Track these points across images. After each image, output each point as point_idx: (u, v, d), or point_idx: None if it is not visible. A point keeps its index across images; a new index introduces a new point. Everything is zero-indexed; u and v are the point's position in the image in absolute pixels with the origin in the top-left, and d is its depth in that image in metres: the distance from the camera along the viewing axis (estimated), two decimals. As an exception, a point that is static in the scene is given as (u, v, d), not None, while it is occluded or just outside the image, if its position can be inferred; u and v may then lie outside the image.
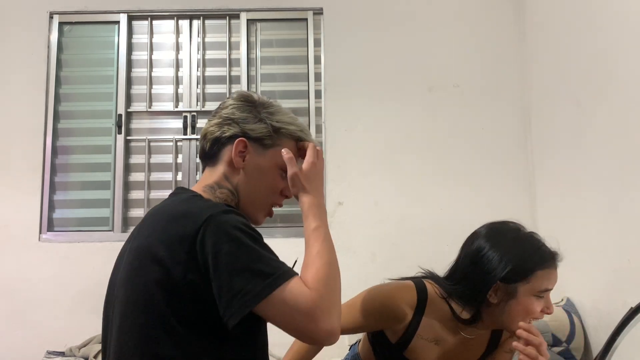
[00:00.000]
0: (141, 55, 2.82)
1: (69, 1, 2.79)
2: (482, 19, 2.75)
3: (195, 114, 2.77)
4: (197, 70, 2.81)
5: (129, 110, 2.77)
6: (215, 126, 1.07)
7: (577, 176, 2.11)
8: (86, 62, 2.81)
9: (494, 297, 1.23)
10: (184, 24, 2.85)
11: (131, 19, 2.83)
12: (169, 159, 2.75)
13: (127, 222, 2.70)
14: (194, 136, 2.75)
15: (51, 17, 2.79)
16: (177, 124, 2.78)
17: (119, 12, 2.81)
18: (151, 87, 2.80)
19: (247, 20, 2.82)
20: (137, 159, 2.75)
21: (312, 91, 2.76)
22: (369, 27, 2.75)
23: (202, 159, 1.11)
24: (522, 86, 2.67)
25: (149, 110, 2.78)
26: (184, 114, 2.77)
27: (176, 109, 2.78)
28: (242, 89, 2.76)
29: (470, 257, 1.29)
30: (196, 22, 2.84)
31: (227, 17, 2.83)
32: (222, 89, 2.79)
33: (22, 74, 2.71)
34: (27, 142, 2.67)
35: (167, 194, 3.02)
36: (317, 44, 2.80)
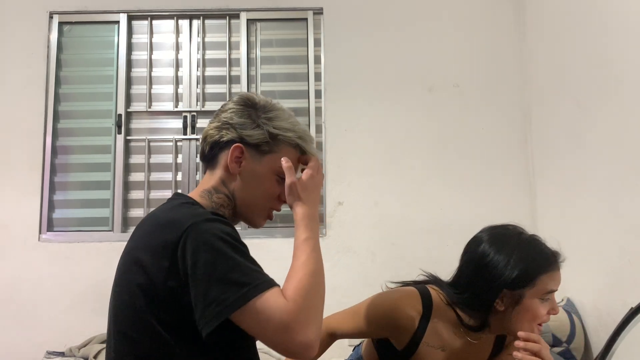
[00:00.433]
0: (141, 55, 2.82)
1: (69, 1, 2.79)
2: (482, 19, 2.74)
3: (195, 114, 2.77)
4: (197, 70, 2.81)
5: (129, 110, 2.77)
6: (214, 129, 1.07)
7: (577, 176, 2.11)
8: (86, 62, 2.81)
9: (501, 304, 1.22)
10: (184, 23, 2.84)
11: (131, 19, 2.83)
12: (168, 159, 2.75)
13: (127, 222, 2.70)
14: (194, 136, 2.75)
15: (51, 17, 2.78)
16: (177, 124, 2.78)
17: (118, 12, 2.81)
18: (151, 87, 2.80)
19: (247, 20, 2.82)
20: (137, 159, 2.75)
21: (312, 91, 2.76)
22: (369, 27, 2.75)
23: (202, 161, 1.12)
24: (522, 86, 2.67)
25: (149, 110, 2.78)
26: (184, 114, 2.77)
27: (176, 109, 2.78)
28: (242, 88, 2.76)
29: (474, 264, 1.28)
30: (196, 22, 2.84)
31: (227, 17, 2.83)
32: (222, 88, 2.79)
33: (22, 74, 2.71)
34: (27, 142, 2.66)
35: (167, 194, 3.03)
36: (317, 44, 2.80)
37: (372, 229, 2.59)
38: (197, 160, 2.74)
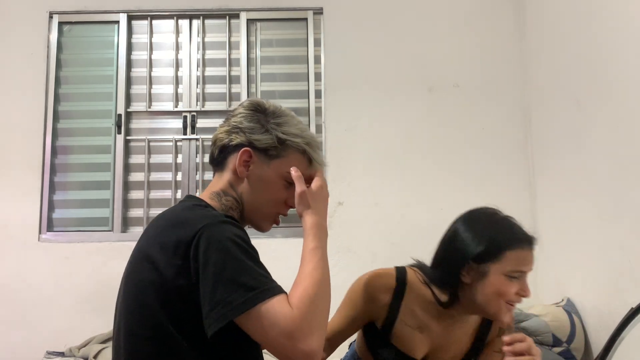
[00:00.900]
0: (141, 55, 2.82)
1: (69, 1, 2.79)
2: (482, 19, 2.74)
3: (195, 113, 2.77)
4: (197, 70, 2.81)
5: (129, 110, 2.77)
6: (224, 133, 1.09)
7: (577, 176, 2.11)
8: (86, 62, 2.81)
9: (467, 277, 1.25)
10: (184, 23, 2.84)
11: (131, 19, 2.83)
12: (168, 158, 2.75)
13: (126, 222, 2.70)
14: (194, 136, 2.75)
15: (51, 17, 2.78)
16: (177, 123, 2.78)
17: (118, 12, 2.81)
18: (151, 87, 2.80)
19: (247, 20, 2.82)
20: (137, 159, 2.75)
21: (312, 91, 2.76)
22: (369, 27, 2.75)
23: (211, 164, 1.14)
24: (522, 86, 2.67)
25: (149, 110, 2.78)
26: (184, 114, 2.77)
27: (176, 109, 2.78)
28: (242, 89, 2.76)
29: (446, 240, 1.35)
30: (196, 22, 2.84)
31: (227, 17, 2.83)
32: (222, 88, 2.79)
33: (22, 74, 2.71)
34: (27, 142, 2.66)
35: (167, 194, 3.03)
36: (317, 43, 2.80)
37: (372, 229, 2.59)
38: (197, 160, 2.74)
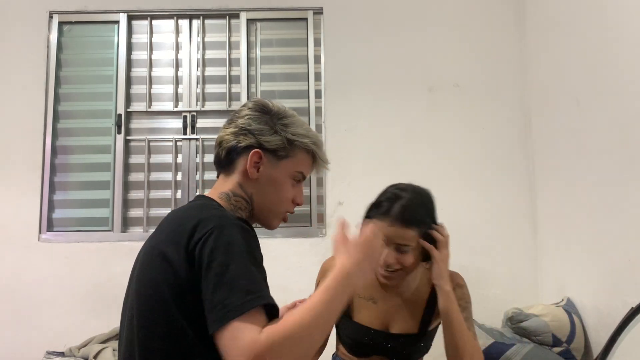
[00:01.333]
0: (141, 54, 2.82)
1: (69, 1, 2.79)
2: (482, 19, 2.74)
3: (195, 113, 2.77)
4: (197, 70, 2.81)
5: (129, 110, 2.77)
6: (231, 135, 1.10)
7: (577, 176, 2.11)
8: (86, 62, 2.81)
9: None
10: (184, 23, 2.84)
11: (131, 19, 2.83)
12: (168, 158, 2.75)
13: (126, 222, 2.70)
14: (194, 136, 2.75)
15: (51, 17, 2.78)
16: (177, 123, 2.78)
17: (118, 12, 2.81)
18: (151, 87, 2.80)
19: (247, 19, 2.82)
20: (137, 158, 2.75)
21: (312, 91, 2.76)
22: (369, 27, 2.75)
23: (216, 165, 1.15)
24: (522, 86, 2.67)
25: (149, 110, 2.78)
26: (184, 114, 2.77)
27: (176, 109, 2.78)
28: (242, 88, 2.76)
29: None
30: (196, 22, 2.84)
31: (227, 17, 2.83)
32: (222, 88, 2.79)
33: (22, 74, 2.71)
34: (27, 142, 2.67)
35: (167, 193, 3.03)
36: (317, 43, 2.80)
37: (372, 229, 2.58)
38: (197, 160, 2.74)
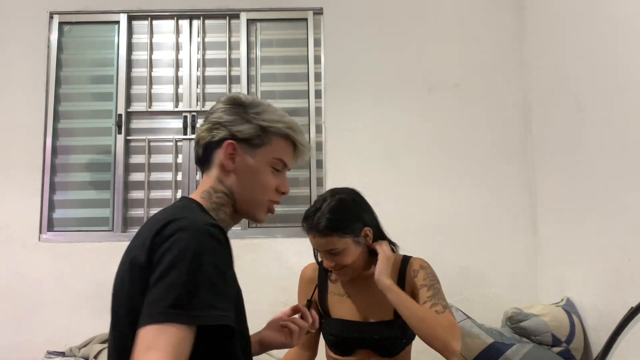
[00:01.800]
0: (141, 55, 2.83)
1: (69, 1, 2.79)
2: (482, 18, 2.75)
3: (195, 114, 2.77)
4: (197, 70, 2.81)
5: (129, 110, 2.77)
6: (205, 131, 1.10)
7: (577, 176, 2.11)
8: (86, 62, 2.81)
9: None
10: (184, 23, 2.85)
11: (131, 19, 2.83)
12: (169, 159, 2.75)
13: (127, 222, 2.70)
14: (194, 136, 2.74)
15: (51, 17, 2.79)
16: (177, 124, 2.78)
17: (119, 12, 2.81)
18: (151, 87, 2.80)
19: (247, 20, 2.82)
20: (137, 159, 2.75)
21: (312, 91, 2.76)
22: (369, 27, 2.75)
23: (197, 164, 1.15)
24: (522, 86, 2.67)
25: (149, 110, 2.78)
26: (184, 114, 2.77)
27: (176, 109, 2.78)
28: (242, 88, 2.76)
29: None
30: (196, 22, 2.84)
31: (227, 17, 2.83)
32: (222, 89, 2.79)
33: (22, 74, 2.71)
34: (27, 142, 2.67)
35: (167, 194, 3.02)
36: (317, 44, 2.80)
37: (372, 229, 2.59)
38: (197, 160, 2.74)
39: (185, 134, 2.76)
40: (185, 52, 2.82)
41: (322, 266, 1.67)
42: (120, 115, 2.74)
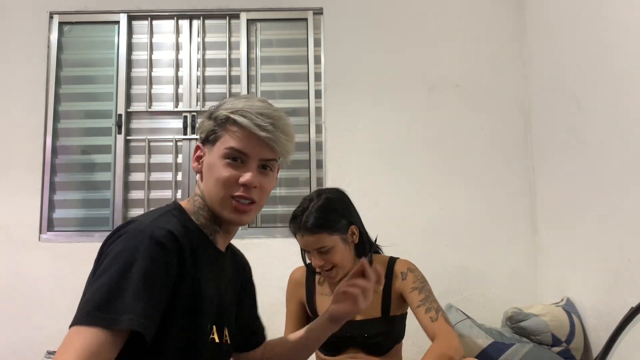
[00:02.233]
0: (141, 55, 2.83)
1: (69, 1, 2.79)
2: (483, 18, 2.74)
3: (195, 114, 2.77)
4: (197, 70, 2.81)
5: (129, 110, 2.77)
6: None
7: (577, 176, 2.11)
8: (86, 62, 2.81)
9: None
10: (184, 24, 2.85)
11: (131, 19, 2.83)
12: (169, 159, 2.75)
13: (127, 222, 2.70)
14: (194, 136, 2.75)
15: (51, 17, 2.79)
16: (177, 124, 2.78)
17: (119, 12, 2.81)
18: (151, 87, 2.80)
19: (247, 20, 2.82)
20: (137, 159, 2.75)
21: (312, 91, 2.76)
22: (369, 27, 2.75)
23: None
24: (522, 86, 2.67)
25: (149, 110, 2.78)
26: (184, 114, 2.77)
27: (176, 109, 2.78)
28: (242, 89, 2.76)
29: None
30: (196, 22, 2.84)
31: (227, 17, 2.83)
32: (222, 89, 2.79)
33: (22, 74, 2.71)
34: (27, 142, 2.67)
35: (167, 194, 3.02)
36: (317, 44, 2.80)
37: (372, 229, 2.58)
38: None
39: (185, 134, 2.76)
40: (185, 52, 2.82)
41: (310, 268, 1.72)
42: (120, 115, 2.74)
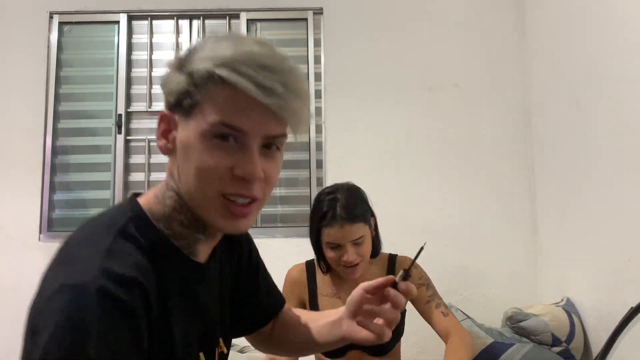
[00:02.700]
0: (141, 55, 2.83)
1: (69, 1, 2.79)
2: (483, 18, 2.75)
3: (195, 114, 2.77)
4: (197, 70, 2.80)
5: (129, 110, 2.77)
6: None
7: (577, 176, 2.11)
8: (86, 62, 2.81)
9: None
10: (184, 24, 2.85)
11: (131, 19, 2.83)
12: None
13: (127, 222, 2.69)
14: (194, 136, 2.75)
15: (51, 17, 2.79)
16: (177, 124, 2.78)
17: (119, 12, 2.81)
18: (151, 87, 2.80)
19: (247, 20, 2.82)
20: (137, 159, 2.75)
21: (312, 91, 2.76)
22: (369, 27, 2.75)
23: None
24: (522, 86, 2.67)
25: (149, 110, 2.78)
26: (184, 114, 2.77)
27: (176, 109, 2.78)
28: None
29: None
30: (196, 22, 2.84)
31: (227, 17, 2.83)
32: (222, 89, 2.79)
33: (22, 74, 2.71)
34: (27, 142, 2.67)
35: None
36: (317, 44, 2.80)
37: (372, 229, 2.59)
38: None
39: (185, 134, 2.75)
40: (185, 52, 2.82)
41: (316, 267, 1.66)
42: (120, 115, 2.74)
